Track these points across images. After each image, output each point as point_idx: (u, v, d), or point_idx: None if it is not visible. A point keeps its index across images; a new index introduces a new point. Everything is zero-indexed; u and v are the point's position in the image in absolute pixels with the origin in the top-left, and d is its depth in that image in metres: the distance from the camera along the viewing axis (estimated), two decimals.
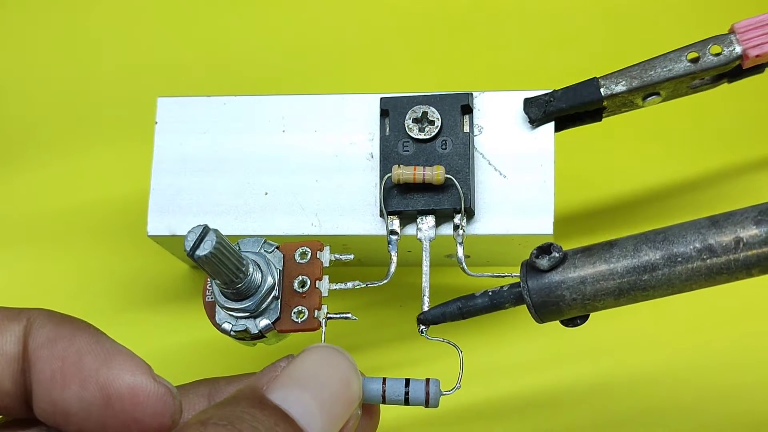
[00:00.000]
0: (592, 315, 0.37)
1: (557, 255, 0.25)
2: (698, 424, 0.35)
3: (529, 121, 0.32)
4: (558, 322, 0.26)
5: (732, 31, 0.31)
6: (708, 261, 0.23)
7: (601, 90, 0.31)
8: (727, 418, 0.36)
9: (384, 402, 0.26)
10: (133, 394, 0.23)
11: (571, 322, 0.26)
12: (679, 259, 0.24)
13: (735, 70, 0.32)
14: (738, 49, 0.31)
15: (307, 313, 0.28)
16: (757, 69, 0.32)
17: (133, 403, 0.23)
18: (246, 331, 0.28)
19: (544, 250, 0.25)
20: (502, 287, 0.26)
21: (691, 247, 0.24)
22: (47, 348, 0.23)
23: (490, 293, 0.26)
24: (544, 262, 0.25)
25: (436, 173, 0.29)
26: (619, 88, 0.31)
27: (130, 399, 0.23)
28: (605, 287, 0.24)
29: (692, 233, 0.24)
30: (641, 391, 0.36)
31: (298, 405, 0.22)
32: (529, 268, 0.25)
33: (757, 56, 0.31)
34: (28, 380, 0.23)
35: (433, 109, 0.31)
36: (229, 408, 0.21)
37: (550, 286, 0.25)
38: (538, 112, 0.32)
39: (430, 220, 0.31)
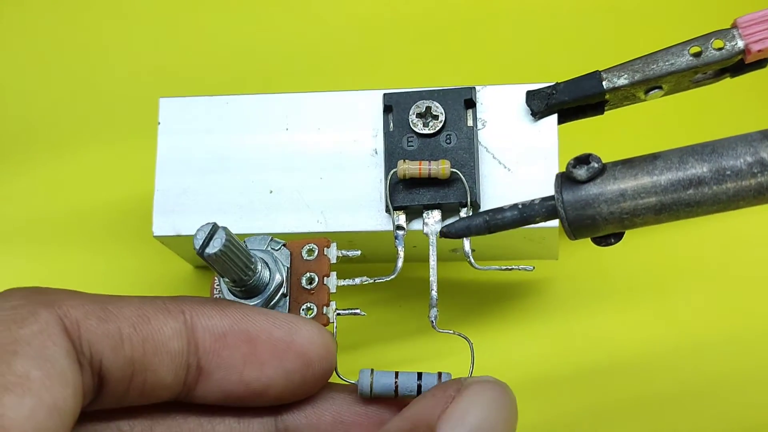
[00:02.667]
0: (597, 311, 0.37)
1: (596, 165, 0.23)
2: (700, 420, 0.36)
3: (532, 114, 0.32)
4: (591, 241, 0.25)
5: (734, 26, 0.31)
6: (759, 177, 0.22)
7: (603, 83, 0.31)
8: (728, 419, 0.36)
9: (396, 396, 0.26)
10: (326, 351, 0.25)
11: (604, 240, 0.24)
12: (728, 173, 0.22)
13: (737, 65, 0.32)
14: (740, 44, 0.31)
15: (315, 309, 0.28)
16: (759, 64, 0.32)
17: (326, 358, 0.25)
18: None
19: (582, 160, 0.23)
20: (533, 200, 0.24)
21: (741, 160, 0.22)
22: (227, 337, 0.24)
23: (520, 206, 0.24)
24: (582, 173, 0.23)
25: (441, 167, 0.30)
26: (621, 81, 0.31)
27: (324, 355, 0.25)
28: (646, 202, 0.23)
29: (743, 146, 0.22)
30: (646, 384, 0.36)
31: None
32: (565, 179, 0.23)
33: (759, 51, 0.31)
34: (192, 371, 0.24)
35: (437, 104, 0.31)
36: None
37: (586, 199, 0.23)
38: (540, 104, 0.32)
39: (436, 214, 0.31)
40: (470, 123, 0.31)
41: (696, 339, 0.37)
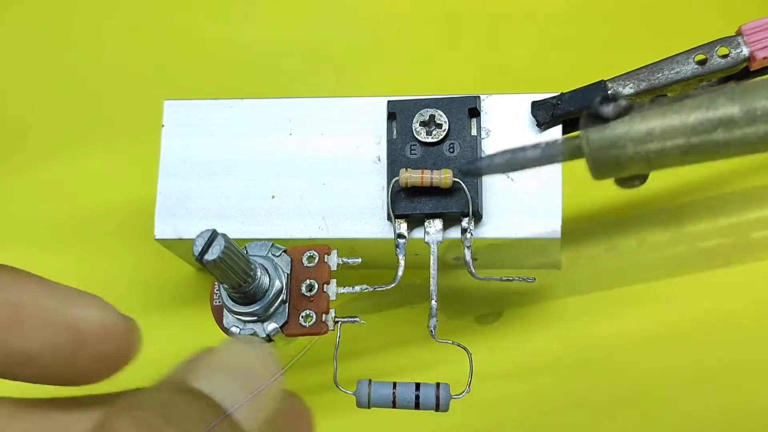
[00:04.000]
0: (598, 321, 0.37)
1: (623, 103, 0.22)
2: (699, 422, 0.35)
3: (537, 125, 0.32)
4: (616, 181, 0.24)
5: (739, 33, 0.31)
6: None
7: (609, 93, 0.31)
8: (729, 420, 0.36)
9: (394, 406, 0.26)
10: (105, 331, 0.23)
11: (628, 182, 0.23)
12: (759, 113, 0.21)
13: (742, 72, 0.32)
14: (745, 51, 0.31)
15: (315, 316, 0.28)
16: (764, 71, 0.32)
17: (105, 339, 0.23)
18: (254, 335, 0.28)
19: (609, 98, 0.22)
20: (556, 139, 0.23)
21: None
22: None
23: (542, 145, 0.23)
24: (608, 110, 0.22)
25: (443, 177, 0.29)
26: (627, 90, 0.31)
27: (103, 335, 0.23)
28: (674, 142, 0.22)
29: None
30: (647, 393, 0.36)
31: (225, 391, 0.22)
32: (591, 117, 0.22)
33: (764, 58, 0.31)
34: None
35: (441, 113, 0.31)
36: (156, 394, 0.21)
37: (612, 138, 0.22)
38: (545, 115, 0.32)
39: (437, 223, 0.31)
40: (474, 132, 0.31)
41: (698, 347, 0.36)
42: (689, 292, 0.38)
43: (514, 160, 0.23)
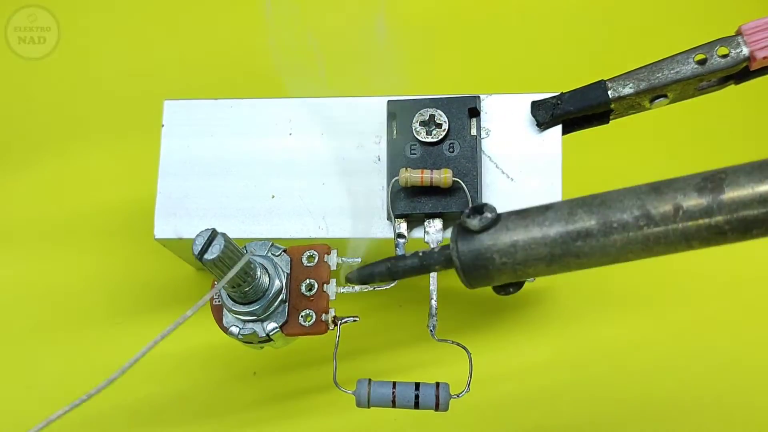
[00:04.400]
0: (597, 320, 0.37)
1: (489, 216, 0.23)
2: (698, 424, 0.35)
3: (537, 125, 0.32)
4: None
5: (739, 33, 0.31)
6: (645, 229, 0.22)
7: (609, 92, 0.31)
8: (728, 419, 0.36)
9: (394, 406, 0.26)
10: None
11: (503, 290, 0.24)
12: (615, 225, 0.22)
13: (742, 72, 0.32)
14: (745, 51, 0.31)
15: (314, 316, 0.28)
16: (764, 70, 0.32)
17: None
18: (253, 334, 0.28)
19: (477, 210, 0.23)
20: (433, 248, 0.24)
21: (629, 213, 0.22)
22: None
23: (420, 254, 0.24)
24: (475, 223, 0.23)
25: (443, 176, 0.29)
26: (627, 90, 0.31)
27: None
28: (537, 252, 0.23)
29: (631, 198, 0.22)
30: (645, 392, 0.36)
31: None
32: (460, 229, 0.23)
33: (764, 58, 0.31)
34: None
35: (441, 112, 0.31)
36: None
37: (480, 249, 0.23)
38: (545, 115, 0.32)
39: (437, 223, 0.31)
40: (474, 132, 0.31)
41: (695, 346, 0.37)
42: (689, 292, 0.38)
43: (395, 269, 0.24)
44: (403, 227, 0.31)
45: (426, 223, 0.31)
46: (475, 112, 0.31)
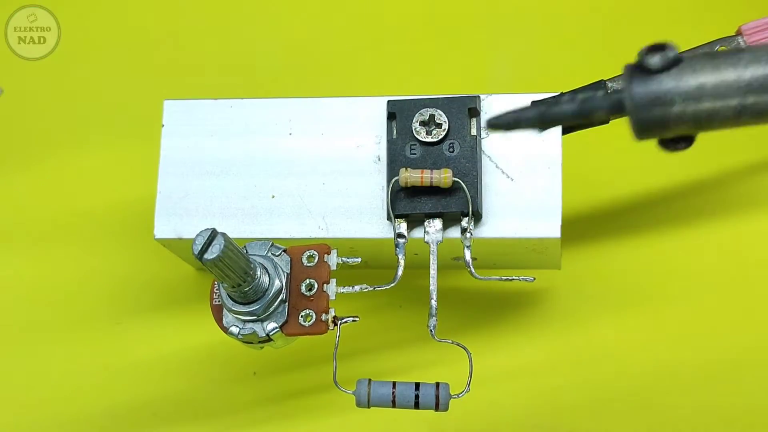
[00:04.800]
0: (598, 320, 0.37)
1: (672, 54, 0.20)
2: (698, 423, 0.35)
3: None
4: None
5: (739, 33, 0.31)
6: None
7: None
8: (728, 419, 0.36)
9: (394, 406, 0.26)
10: None
11: (672, 145, 0.21)
12: None
13: None
14: None
15: (314, 316, 0.28)
16: None
17: None
18: (253, 334, 0.28)
19: (657, 47, 0.20)
20: (596, 92, 0.22)
21: None
22: None
23: (579, 98, 0.21)
24: (655, 60, 0.20)
25: (443, 176, 0.29)
26: None
27: None
28: (728, 99, 0.20)
29: None
30: (647, 393, 0.36)
31: None
32: (635, 69, 0.20)
33: None
34: None
35: (441, 112, 0.31)
36: None
37: (659, 92, 0.20)
38: None
39: (437, 223, 0.31)
40: (474, 132, 0.31)
41: (697, 347, 0.37)
42: (689, 292, 0.38)
43: (547, 115, 0.21)
44: (403, 227, 0.31)
45: (426, 223, 0.31)
46: (475, 112, 0.31)
